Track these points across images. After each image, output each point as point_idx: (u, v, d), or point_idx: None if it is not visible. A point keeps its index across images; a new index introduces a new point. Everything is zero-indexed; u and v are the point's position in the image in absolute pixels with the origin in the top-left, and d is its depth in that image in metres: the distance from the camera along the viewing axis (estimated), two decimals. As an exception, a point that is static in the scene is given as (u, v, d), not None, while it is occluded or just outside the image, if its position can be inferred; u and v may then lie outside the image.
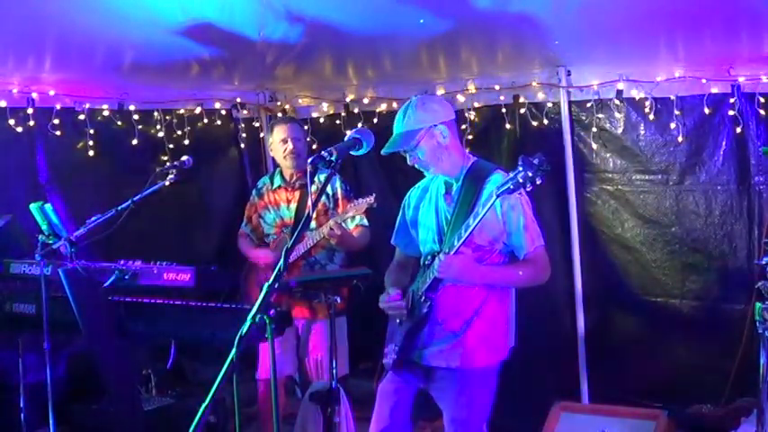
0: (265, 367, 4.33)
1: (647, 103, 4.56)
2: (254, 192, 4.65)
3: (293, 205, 4.43)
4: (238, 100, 5.74)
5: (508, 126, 4.99)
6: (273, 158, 5.86)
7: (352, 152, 2.65)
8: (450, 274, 3.02)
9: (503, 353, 3.23)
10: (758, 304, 3.47)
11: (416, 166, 3.21)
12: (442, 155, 3.15)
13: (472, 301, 3.15)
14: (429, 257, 3.18)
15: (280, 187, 4.50)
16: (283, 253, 2.33)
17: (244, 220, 4.68)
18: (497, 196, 2.79)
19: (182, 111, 5.45)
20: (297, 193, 4.43)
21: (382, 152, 3.12)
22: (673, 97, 4.48)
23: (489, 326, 3.17)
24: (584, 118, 4.81)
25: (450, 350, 3.15)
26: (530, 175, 2.67)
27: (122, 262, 3.62)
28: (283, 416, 4.67)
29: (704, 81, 4.35)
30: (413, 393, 3.28)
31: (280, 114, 5.65)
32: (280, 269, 2.26)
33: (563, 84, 4.75)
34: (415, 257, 3.45)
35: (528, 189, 2.71)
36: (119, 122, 5.18)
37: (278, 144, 4.45)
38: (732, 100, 4.32)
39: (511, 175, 2.74)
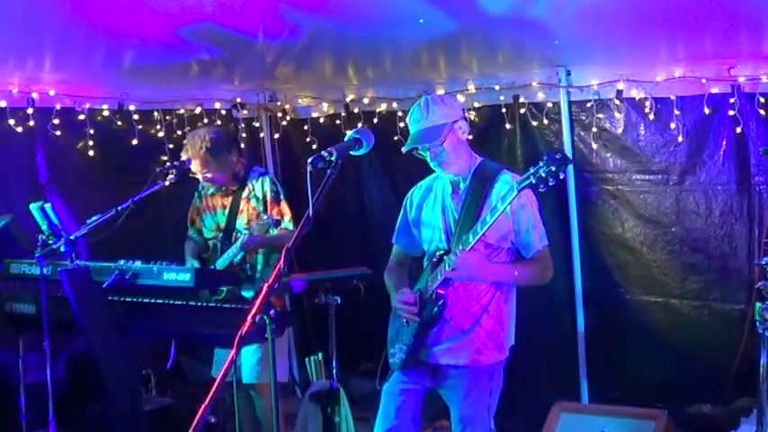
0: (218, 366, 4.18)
1: (647, 103, 4.55)
2: (195, 194, 4.45)
3: (227, 210, 4.27)
4: (238, 100, 5.74)
5: (508, 126, 4.99)
6: (271, 158, 5.92)
7: (352, 152, 2.66)
8: (466, 270, 3.02)
9: (507, 351, 3.25)
10: (758, 304, 3.46)
11: (434, 162, 3.17)
12: (461, 151, 3.16)
13: (480, 298, 3.17)
14: (437, 255, 3.18)
15: (214, 193, 4.33)
16: (283, 253, 2.33)
17: (188, 224, 4.47)
18: (519, 191, 2.77)
19: (182, 111, 5.45)
20: (230, 199, 4.27)
21: (403, 150, 3.13)
22: (673, 97, 4.47)
23: (497, 323, 3.19)
24: (584, 118, 4.81)
25: (459, 348, 3.16)
26: (552, 170, 2.64)
27: (122, 262, 3.62)
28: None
29: (704, 81, 4.35)
30: (421, 393, 3.28)
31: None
32: (280, 269, 2.26)
33: (563, 84, 4.75)
34: (414, 257, 3.45)
35: (550, 184, 2.67)
36: (119, 122, 5.17)
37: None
38: (732, 100, 4.31)
39: (532, 169, 2.70)
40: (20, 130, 4.77)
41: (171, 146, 5.36)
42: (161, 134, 5.35)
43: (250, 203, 4.19)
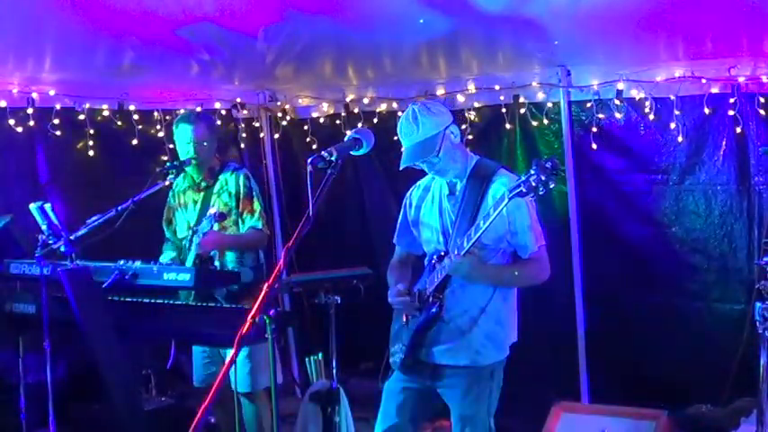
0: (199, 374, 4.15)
1: (647, 103, 4.55)
2: (170, 193, 4.31)
3: (198, 206, 4.17)
4: (238, 100, 5.74)
5: (508, 126, 4.99)
6: (271, 158, 5.91)
7: (352, 152, 2.66)
8: (461, 273, 3.04)
9: (507, 350, 3.26)
10: (758, 304, 3.46)
11: (432, 172, 3.20)
12: (456, 155, 3.16)
13: (478, 299, 3.17)
14: (435, 257, 3.19)
15: (187, 189, 4.22)
16: (283, 253, 2.34)
17: (164, 226, 4.36)
18: (510, 199, 2.79)
19: (182, 111, 5.44)
20: (201, 195, 4.17)
21: (401, 167, 3.12)
22: (673, 97, 4.47)
23: (495, 323, 3.20)
24: (584, 118, 4.81)
25: (458, 349, 3.17)
26: (543, 179, 2.66)
27: (122, 262, 3.62)
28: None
29: (704, 81, 4.35)
30: (421, 392, 3.29)
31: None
32: (279, 269, 2.26)
33: (563, 84, 4.74)
34: (416, 255, 3.45)
35: (541, 193, 2.70)
36: (119, 122, 5.18)
37: (181, 145, 4.09)
38: (732, 100, 4.31)
39: (523, 177, 2.72)
40: (20, 130, 4.77)
41: (171, 146, 5.34)
42: (161, 134, 5.35)
43: (221, 198, 4.10)
